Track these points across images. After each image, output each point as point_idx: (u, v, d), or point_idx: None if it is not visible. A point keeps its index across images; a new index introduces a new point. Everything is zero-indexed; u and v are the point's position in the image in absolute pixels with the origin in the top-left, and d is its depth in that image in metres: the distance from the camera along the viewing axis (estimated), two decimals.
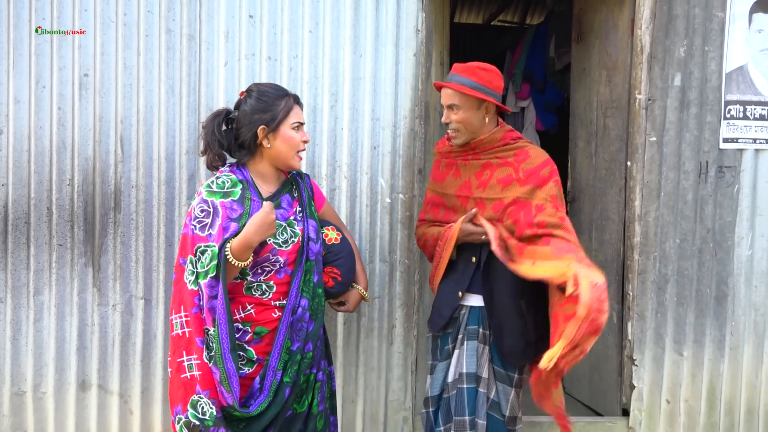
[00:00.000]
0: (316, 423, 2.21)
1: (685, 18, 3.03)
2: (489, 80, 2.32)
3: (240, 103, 2.14)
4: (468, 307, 2.40)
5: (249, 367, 2.07)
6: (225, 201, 2.05)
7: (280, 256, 2.09)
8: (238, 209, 2.05)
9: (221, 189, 2.07)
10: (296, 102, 2.16)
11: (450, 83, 2.31)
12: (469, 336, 2.38)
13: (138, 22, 2.81)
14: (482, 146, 2.36)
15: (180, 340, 2.02)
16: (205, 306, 1.98)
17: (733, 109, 3.08)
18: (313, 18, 2.87)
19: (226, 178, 2.10)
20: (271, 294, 2.11)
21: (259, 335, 2.08)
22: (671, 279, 3.10)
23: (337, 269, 2.26)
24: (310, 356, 2.16)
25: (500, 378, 2.36)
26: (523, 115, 5.51)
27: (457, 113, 2.30)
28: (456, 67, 2.35)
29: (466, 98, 2.29)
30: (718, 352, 3.16)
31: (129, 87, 2.82)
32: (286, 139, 2.10)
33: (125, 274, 2.85)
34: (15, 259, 2.82)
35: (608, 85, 3.29)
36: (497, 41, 6.70)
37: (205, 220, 2.02)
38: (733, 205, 3.11)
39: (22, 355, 2.86)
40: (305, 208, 2.21)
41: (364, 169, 2.92)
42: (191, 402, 1.99)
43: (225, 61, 2.84)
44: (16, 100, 2.78)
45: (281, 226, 2.11)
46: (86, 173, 2.82)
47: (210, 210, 2.03)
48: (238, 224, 2.02)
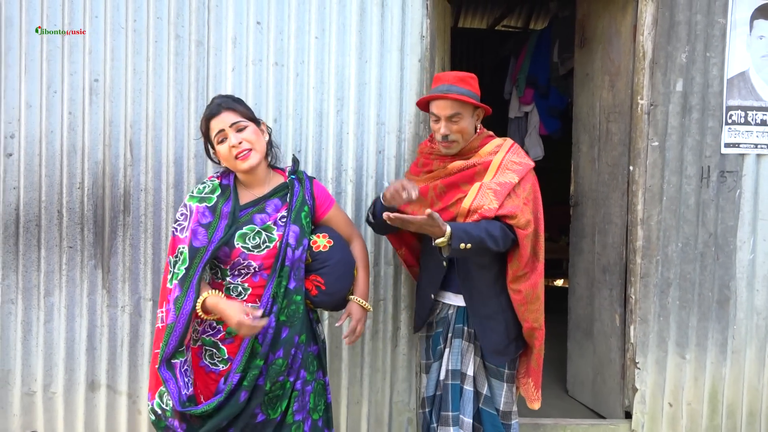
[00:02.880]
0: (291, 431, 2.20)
1: (687, 24, 3.06)
2: (476, 88, 2.37)
3: None
4: (455, 307, 2.44)
5: (223, 365, 2.15)
6: (200, 206, 2.16)
7: (252, 261, 2.14)
8: (209, 217, 2.14)
9: (200, 194, 2.20)
10: (212, 117, 2.17)
11: (454, 95, 2.29)
12: (455, 334, 2.43)
13: (147, 28, 2.85)
14: (461, 153, 2.39)
15: (159, 332, 2.11)
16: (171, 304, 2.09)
17: (735, 115, 3.11)
18: (320, 24, 2.91)
19: (209, 183, 2.23)
20: (247, 296, 2.16)
21: (230, 335, 2.14)
22: (674, 282, 3.13)
23: (320, 277, 2.24)
24: (281, 362, 2.14)
25: (492, 373, 2.42)
26: (527, 119, 5.54)
27: (458, 123, 2.31)
28: (446, 77, 2.34)
29: (466, 108, 2.32)
30: (721, 356, 3.17)
31: (138, 92, 2.86)
32: (220, 153, 2.20)
33: (134, 276, 2.89)
34: (26, 260, 2.87)
35: (611, 90, 3.32)
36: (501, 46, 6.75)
37: (183, 223, 2.14)
38: (734, 209, 3.13)
39: (33, 356, 2.90)
40: (290, 214, 2.20)
41: (369, 173, 2.95)
42: (158, 392, 2.09)
43: (233, 67, 2.89)
44: (27, 105, 2.83)
45: (254, 230, 2.16)
46: (96, 176, 2.87)
47: (187, 213, 2.16)
48: (206, 231, 2.11)
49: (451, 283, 2.43)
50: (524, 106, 5.50)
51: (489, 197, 2.24)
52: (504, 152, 2.35)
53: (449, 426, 2.39)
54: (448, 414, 2.40)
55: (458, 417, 2.39)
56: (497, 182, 2.27)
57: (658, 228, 3.10)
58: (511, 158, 2.34)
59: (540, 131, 5.36)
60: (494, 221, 2.23)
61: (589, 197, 3.53)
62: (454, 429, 2.38)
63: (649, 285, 3.11)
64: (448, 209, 2.32)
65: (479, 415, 2.41)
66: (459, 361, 2.41)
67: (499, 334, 2.36)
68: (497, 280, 2.36)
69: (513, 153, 2.36)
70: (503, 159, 2.33)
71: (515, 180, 2.28)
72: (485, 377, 2.41)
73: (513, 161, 2.33)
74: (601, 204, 3.41)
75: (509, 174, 2.29)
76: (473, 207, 2.25)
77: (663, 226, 3.10)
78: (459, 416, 2.39)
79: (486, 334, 2.36)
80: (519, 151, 2.39)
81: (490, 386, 2.42)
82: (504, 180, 2.27)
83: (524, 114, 5.57)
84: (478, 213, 2.23)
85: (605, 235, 3.36)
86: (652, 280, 3.11)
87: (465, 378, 2.41)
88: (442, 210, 2.31)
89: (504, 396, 2.40)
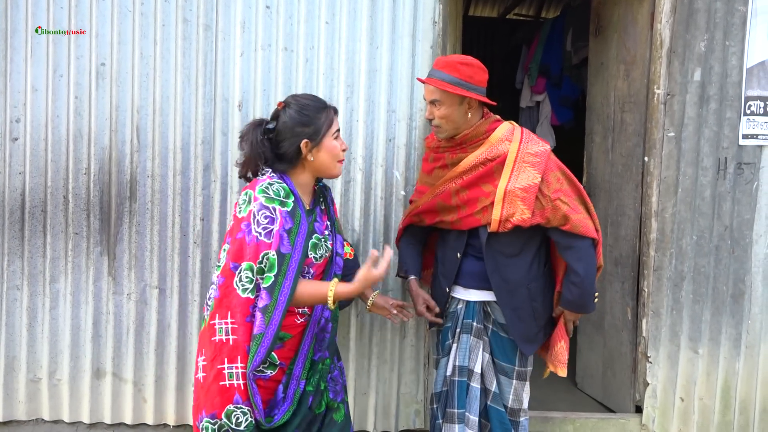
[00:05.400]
0: (333, 415, 2.22)
1: (707, 12, 2.99)
2: (470, 75, 2.25)
3: (279, 114, 2.10)
4: (464, 302, 2.41)
5: (271, 370, 2.05)
6: (282, 209, 2.00)
7: (312, 270, 2.12)
8: (290, 222, 2.01)
9: (278, 196, 2.02)
10: (335, 113, 2.15)
11: (430, 79, 2.26)
12: (464, 330, 2.40)
13: (155, 11, 2.81)
14: (468, 141, 2.33)
15: (223, 346, 1.97)
16: (259, 313, 1.98)
17: (754, 105, 3.03)
18: (330, 9, 2.86)
19: (279, 186, 2.04)
20: None
21: (281, 340, 2.07)
22: (687, 276, 3.08)
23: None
24: (328, 362, 2.20)
25: (501, 370, 2.38)
26: (539, 109, 5.47)
27: (440, 109, 2.27)
28: (437, 62, 2.30)
29: (447, 94, 2.25)
30: (734, 351, 3.13)
31: (145, 77, 2.82)
32: (329, 150, 2.08)
33: (140, 264, 2.87)
34: (32, 246, 2.84)
35: (626, 79, 3.26)
36: (512, 35, 6.66)
37: (269, 227, 1.97)
38: (751, 202, 3.07)
39: (38, 343, 2.88)
40: (333, 223, 2.24)
41: (379, 161, 2.91)
42: (226, 411, 1.96)
43: (241, 52, 2.84)
44: (33, 89, 2.80)
45: (319, 239, 2.12)
46: (102, 162, 2.84)
47: (273, 216, 1.99)
48: (288, 237, 1.99)
49: (462, 276, 2.39)
50: (536, 95, 5.43)
51: (518, 206, 2.22)
52: (518, 143, 2.28)
53: (454, 423, 2.35)
54: (453, 411, 2.36)
55: (464, 414, 2.35)
56: (521, 187, 2.22)
57: (672, 220, 3.05)
58: (526, 149, 2.27)
59: (552, 121, 5.29)
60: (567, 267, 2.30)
61: (602, 189, 3.47)
62: (459, 426, 2.34)
63: (662, 278, 3.07)
64: (474, 216, 2.30)
65: (487, 412, 2.38)
66: (466, 357, 2.37)
67: (529, 323, 2.34)
68: (530, 267, 2.32)
69: (526, 142, 2.30)
70: (518, 151, 2.26)
71: (538, 179, 2.22)
72: (494, 374, 2.37)
73: (529, 153, 2.26)
74: (614, 196, 3.35)
75: (529, 171, 2.23)
76: (504, 217, 2.24)
77: (677, 218, 3.05)
78: (465, 413, 2.35)
79: (515, 323, 2.33)
80: (532, 138, 2.33)
81: (499, 383, 2.37)
82: (527, 183, 2.23)
83: (536, 104, 5.50)
84: (511, 222, 2.24)
85: (618, 228, 3.31)
86: (666, 274, 3.06)
87: (472, 375, 2.36)
88: (468, 216, 2.30)
89: (512, 393, 2.36)
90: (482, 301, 2.38)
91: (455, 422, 2.35)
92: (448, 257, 2.43)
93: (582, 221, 2.23)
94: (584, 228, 2.23)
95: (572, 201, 2.26)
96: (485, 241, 2.29)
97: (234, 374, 1.96)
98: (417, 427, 3.02)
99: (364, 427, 3.00)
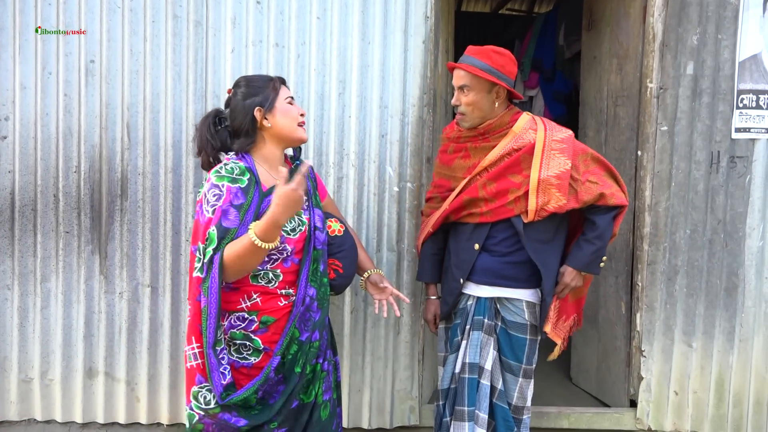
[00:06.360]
0: (320, 412, 2.21)
1: (699, 5, 2.98)
2: (502, 64, 2.30)
3: (230, 99, 2.14)
4: (475, 298, 2.39)
5: (255, 356, 2.05)
6: (232, 186, 2.01)
7: (287, 244, 2.07)
8: (241, 198, 2.01)
9: (230, 174, 2.03)
10: (282, 83, 2.17)
11: (463, 64, 2.29)
12: (474, 327, 2.38)
13: (144, 7, 2.78)
14: (492, 130, 2.34)
15: (189, 328, 2.01)
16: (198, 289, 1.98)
17: (746, 99, 3.03)
18: (321, 4, 2.84)
19: (234, 165, 2.06)
20: (277, 282, 2.08)
21: (265, 324, 2.06)
22: (681, 270, 3.08)
23: (339, 261, 2.24)
24: (317, 345, 2.16)
25: (508, 368, 2.37)
26: (532, 104, 5.46)
27: (468, 95, 2.29)
28: (470, 49, 2.33)
29: (478, 80, 2.27)
30: (728, 344, 3.13)
31: (135, 74, 2.80)
32: (284, 112, 2.10)
33: (132, 262, 2.85)
34: (22, 246, 2.82)
35: (619, 73, 3.25)
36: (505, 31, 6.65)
37: (216, 204, 1.98)
38: (744, 195, 3.08)
39: (29, 342, 2.86)
40: (310, 198, 2.20)
41: (372, 157, 2.89)
42: (192, 393, 1.98)
43: (232, 48, 2.82)
44: (22, 86, 2.77)
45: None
46: (93, 160, 2.81)
47: (220, 193, 2.00)
48: (238, 212, 1.99)
49: (475, 272, 2.37)
50: (529, 90, 5.42)
51: (552, 193, 2.26)
52: (543, 132, 2.32)
53: (464, 421, 2.33)
54: (463, 409, 2.34)
55: (474, 412, 2.34)
56: (554, 175, 2.26)
57: (665, 214, 3.05)
58: (552, 137, 2.31)
59: (545, 116, 5.29)
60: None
61: None
62: (470, 425, 2.33)
63: (656, 272, 3.07)
64: (507, 207, 2.31)
65: (492, 409, 2.36)
66: (477, 354, 2.35)
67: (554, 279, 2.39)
68: (561, 253, 2.40)
69: (551, 130, 2.34)
70: (545, 140, 2.30)
71: (568, 165, 2.28)
72: (500, 372, 2.37)
73: (555, 140, 2.30)
74: None
75: (559, 158, 2.28)
76: (540, 206, 2.27)
77: (671, 212, 3.05)
78: (475, 411, 2.34)
79: (547, 282, 2.35)
80: (554, 126, 2.38)
81: (505, 381, 2.37)
82: (559, 171, 2.27)
83: (529, 98, 5.49)
84: (546, 210, 2.28)
85: None
86: (659, 268, 3.07)
87: (483, 372, 2.35)
88: (500, 207, 2.31)
89: (517, 391, 2.35)
90: (493, 297, 2.38)
91: (465, 420, 2.33)
92: (463, 248, 2.40)
93: (615, 194, 2.33)
94: (617, 200, 2.34)
95: (601, 178, 2.34)
96: (522, 230, 2.30)
97: (192, 355, 1.97)
98: (412, 424, 3.02)
99: (358, 424, 3.00)
